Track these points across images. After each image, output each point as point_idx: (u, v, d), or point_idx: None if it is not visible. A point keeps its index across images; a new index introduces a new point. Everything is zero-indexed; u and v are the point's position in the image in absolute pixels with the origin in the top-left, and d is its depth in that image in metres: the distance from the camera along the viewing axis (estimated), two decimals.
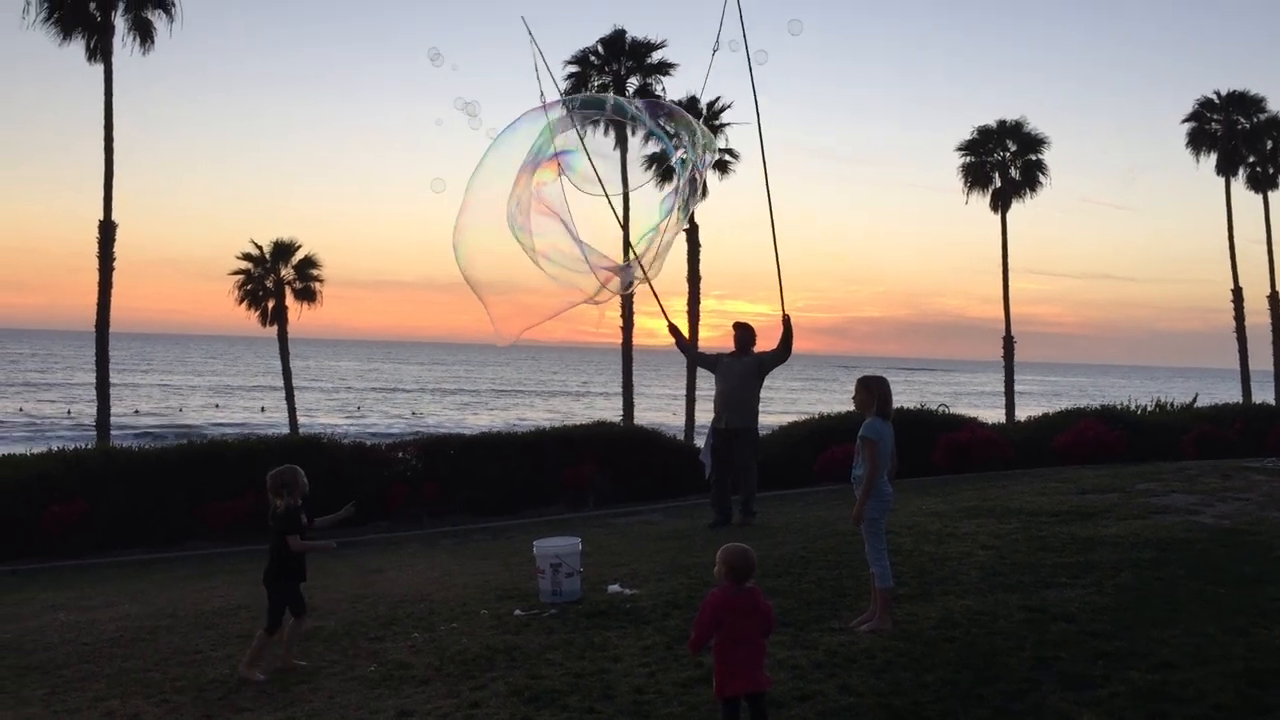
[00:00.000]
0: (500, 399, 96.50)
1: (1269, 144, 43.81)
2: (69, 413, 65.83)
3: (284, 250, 37.11)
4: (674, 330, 12.23)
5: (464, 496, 16.21)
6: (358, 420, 68.04)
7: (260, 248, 36.92)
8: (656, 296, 10.83)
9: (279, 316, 37.05)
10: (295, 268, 37.21)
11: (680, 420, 38.50)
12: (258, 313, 37.08)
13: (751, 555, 5.02)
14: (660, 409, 73.91)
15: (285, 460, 15.14)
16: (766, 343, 11.99)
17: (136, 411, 67.85)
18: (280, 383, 38.82)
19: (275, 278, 37.04)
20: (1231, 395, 40.88)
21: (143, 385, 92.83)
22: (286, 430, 36.49)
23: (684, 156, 10.30)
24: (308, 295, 37.37)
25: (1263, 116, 43.69)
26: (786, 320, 11.51)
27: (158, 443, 18.32)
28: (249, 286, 36.97)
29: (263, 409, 74.88)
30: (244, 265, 36.84)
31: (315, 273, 37.39)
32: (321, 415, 68.91)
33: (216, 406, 76.75)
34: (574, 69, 36.70)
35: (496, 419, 70.09)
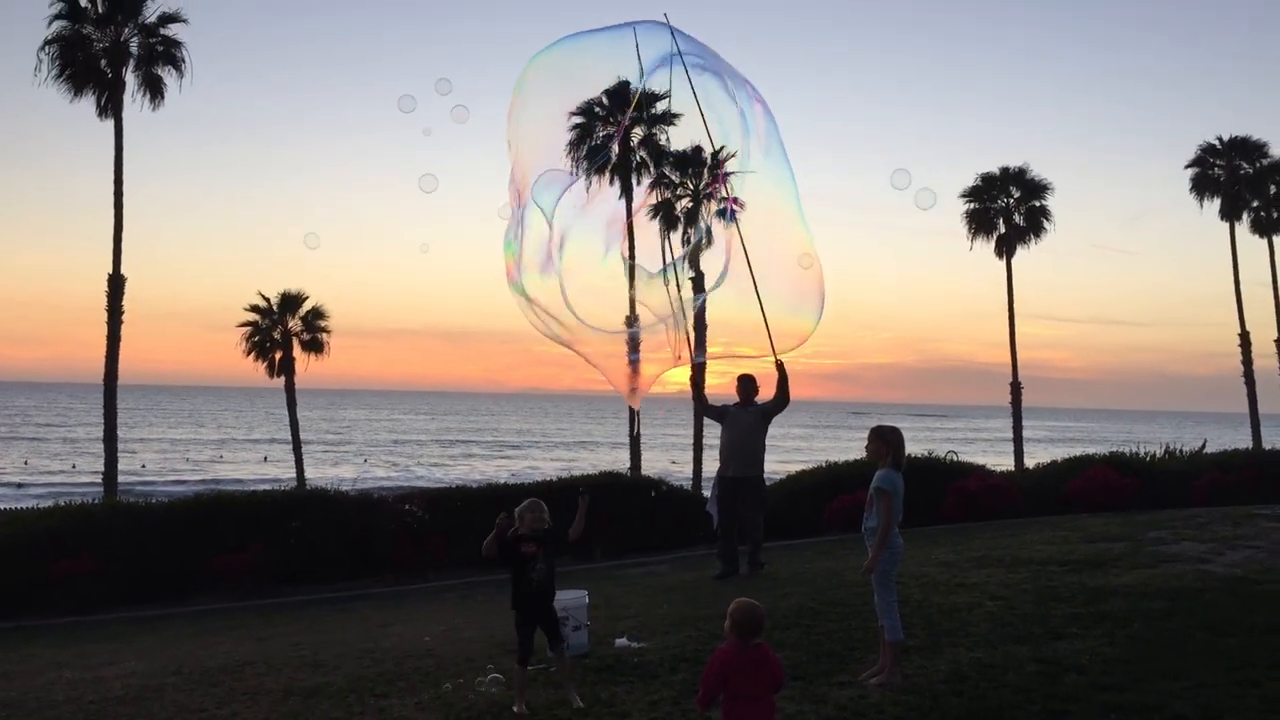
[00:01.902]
0: (507, 449, 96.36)
1: (1272, 188, 43.93)
2: (74, 466, 65.79)
3: (291, 302, 37.31)
4: (695, 379, 12.31)
5: (471, 549, 16.11)
6: (365, 471, 67.95)
7: (268, 299, 37.12)
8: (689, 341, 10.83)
9: (286, 368, 37.18)
10: (303, 319, 37.39)
11: (687, 470, 38.38)
12: (265, 364, 37.22)
13: (759, 611, 4.99)
14: (668, 456, 73.70)
15: (291, 514, 15.26)
16: (767, 390, 12.02)
17: (144, 465, 67.81)
18: (288, 434, 38.83)
19: (283, 329, 37.21)
20: (1241, 440, 40.73)
21: (150, 439, 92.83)
22: (294, 482, 36.45)
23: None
24: (315, 346, 37.52)
25: (1265, 161, 43.85)
26: (780, 367, 11.53)
27: (164, 496, 18.32)
28: (256, 338, 37.13)
29: (265, 458, 74.78)
30: (252, 317, 37.02)
31: (322, 323, 37.56)
32: (329, 466, 68.84)
33: (222, 459, 76.75)
34: (579, 120, 36.99)
35: (503, 469, 69.94)
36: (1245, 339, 43.82)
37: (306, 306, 37.37)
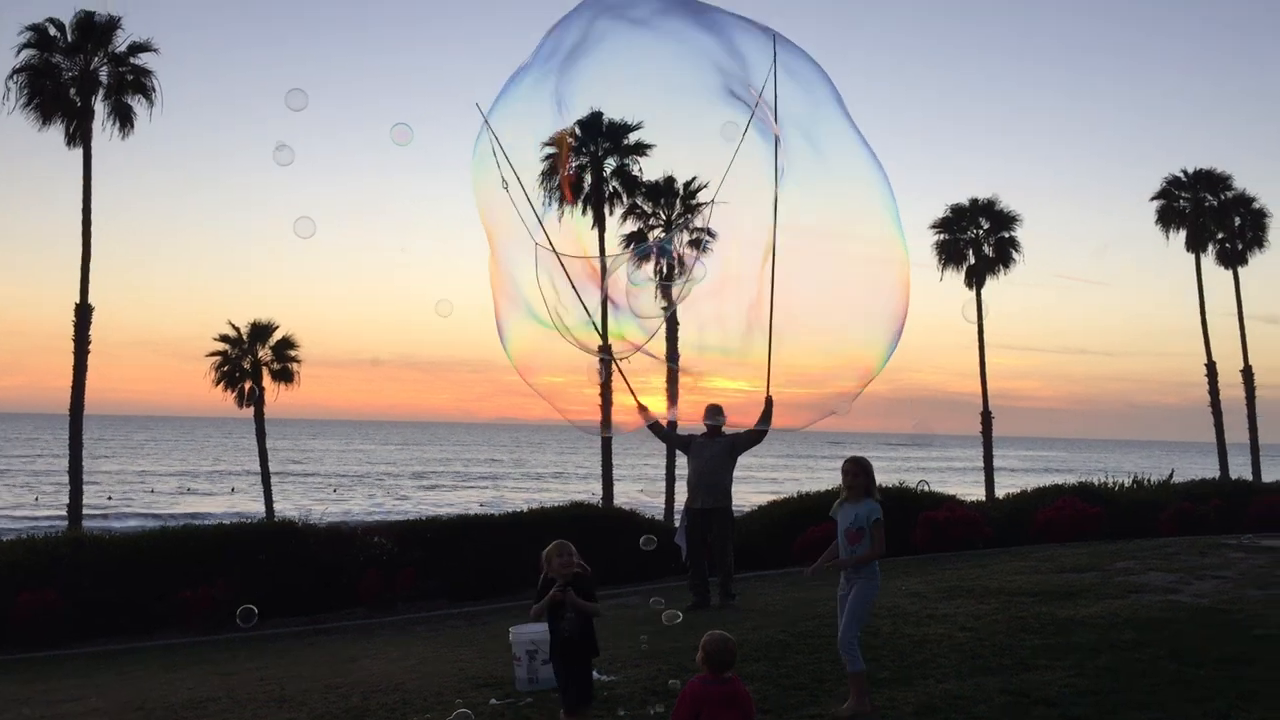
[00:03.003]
0: (478, 480, 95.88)
1: (1237, 221, 44.53)
2: (36, 499, 64.87)
3: (261, 331, 37.08)
4: (643, 411, 12.18)
5: (440, 581, 16.02)
6: (335, 502, 67.39)
7: (238, 329, 36.88)
8: (625, 377, 10.71)
9: (256, 398, 36.90)
10: (273, 349, 37.15)
11: (659, 501, 38.29)
12: (234, 394, 36.92)
13: (731, 644, 4.98)
14: (638, 486, 73.53)
15: (258, 547, 15.10)
16: (738, 417, 11.89)
17: (109, 498, 66.99)
18: (256, 465, 38.48)
19: (252, 359, 36.95)
20: (1209, 469, 41.11)
21: (116, 471, 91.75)
22: (262, 514, 36.11)
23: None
24: (285, 376, 37.27)
25: (1230, 194, 44.48)
26: (769, 402, 11.49)
27: (129, 529, 18.10)
28: (226, 368, 36.83)
29: (233, 490, 74.04)
30: (221, 347, 36.75)
31: (293, 353, 37.33)
32: (298, 498, 68.25)
33: (189, 491, 75.93)
34: (551, 150, 37.07)
35: (473, 500, 69.55)
36: (1212, 369, 44.28)
37: (277, 336, 37.15)
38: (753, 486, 64.13)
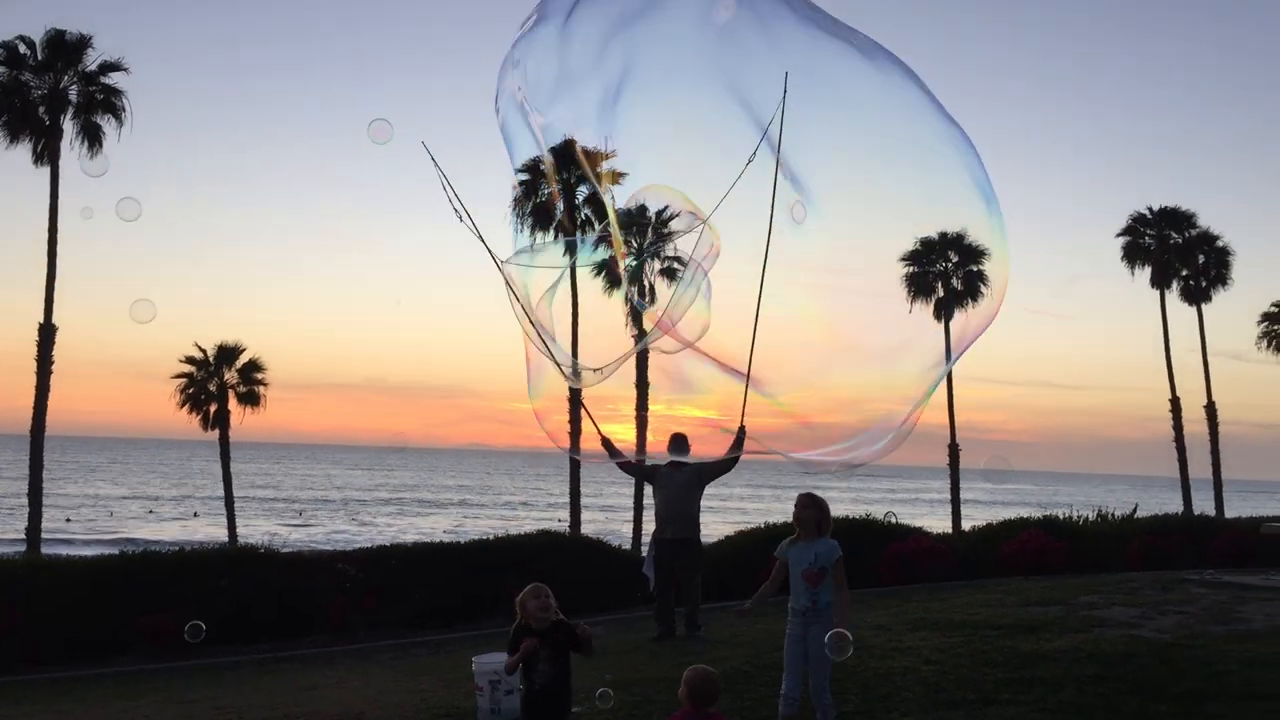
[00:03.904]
0: (445, 505, 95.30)
1: (1201, 258, 45.14)
2: None
3: (228, 353, 36.81)
4: (606, 442, 12.16)
5: (405, 608, 15.86)
6: (299, 528, 66.77)
7: (204, 351, 36.60)
8: (587, 410, 10.65)
9: (221, 420, 36.57)
10: (239, 371, 36.88)
11: (628, 529, 38.21)
12: (199, 417, 36.58)
13: (714, 679, 4.97)
14: (605, 515, 73.33)
15: (219, 572, 14.91)
16: (701, 447, 11.84)
17: (68, 519, 66.08)
18: (220, 489, 38.10)
19: (218, 381, 36.66)
20: (1173, 503, 41.43)
21: (77, 494, 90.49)
22: (225, 539, 35.73)
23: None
24: (251, 399, 36.99)
25: (1194, 231, 45.10)
26: (742, 431, 11.47)
27: (90, 553, 17.85)
28: (191, 390, 36.52)
29: (196, 514, 73.24)
30: (187, 368, 36.44)
31: (259, 376, 37.08)
32: (262, 522, 67.55)
33: (150, 513, 75.00)
34: (524, 177, 37.13)
35: (438, 527, 69.10)
36: (1175, 404, 44.74)
37: (244, 358, 36.90)
38: (721, 517, 63.99)
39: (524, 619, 6.21)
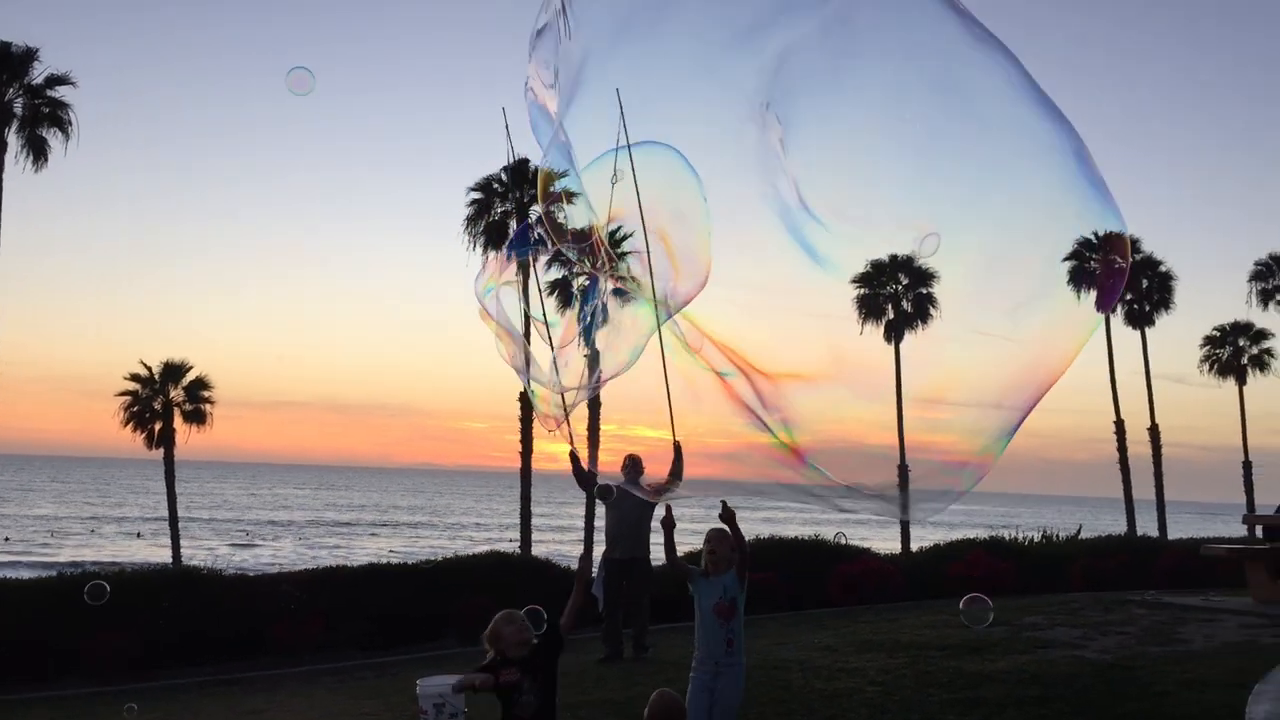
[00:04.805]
0: (393, 526, 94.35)
1: (1144, 283, 45.94)
2: None
3: (174, 371, 36.22)
4: (574, 458, 12.14)
5: (351, 630, 15.67)
6: (246, 548, 65.81)
7: (149, 368, 35.99)
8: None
9: (166, 439, 36.00)
10: (185, 389, 36.31)
11: (578, 550, 38.04)
12: (144, 435, 35.98)
13: (679, 705, 4.95)
14: (554, 536, 73.01)
15: (161, 594, 14.65)
16: (655, 467, 11.90)
17: (5, 539, 64.67)
18: (165, 508, 37.47)
19: (164, 399, 36.07)
20: (1117, 524, 41.99)
21: (15, 515, 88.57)
22: (168, 560, 35.13)
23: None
24: (197, 417, 36.41)
25: (1138, 257, 45.91)
26: (677, 448, 11.48)
27: (28, 573, 17.49)
28: (136, 408, 35.89)
29: (139, 534, 71.96)
30: (132, 386, 35.83)
31: (206, 394, 36.52)
32: (208, 543, 66.52)
33: (93, 533, 73.57)
34: (477, 195, 37.09)
35: (388, 547, 68.36)
36: (1120, 426, 45.38)
37: (190, 376, 36.34)
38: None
39: (499, 651, 5.58)
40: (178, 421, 36.06)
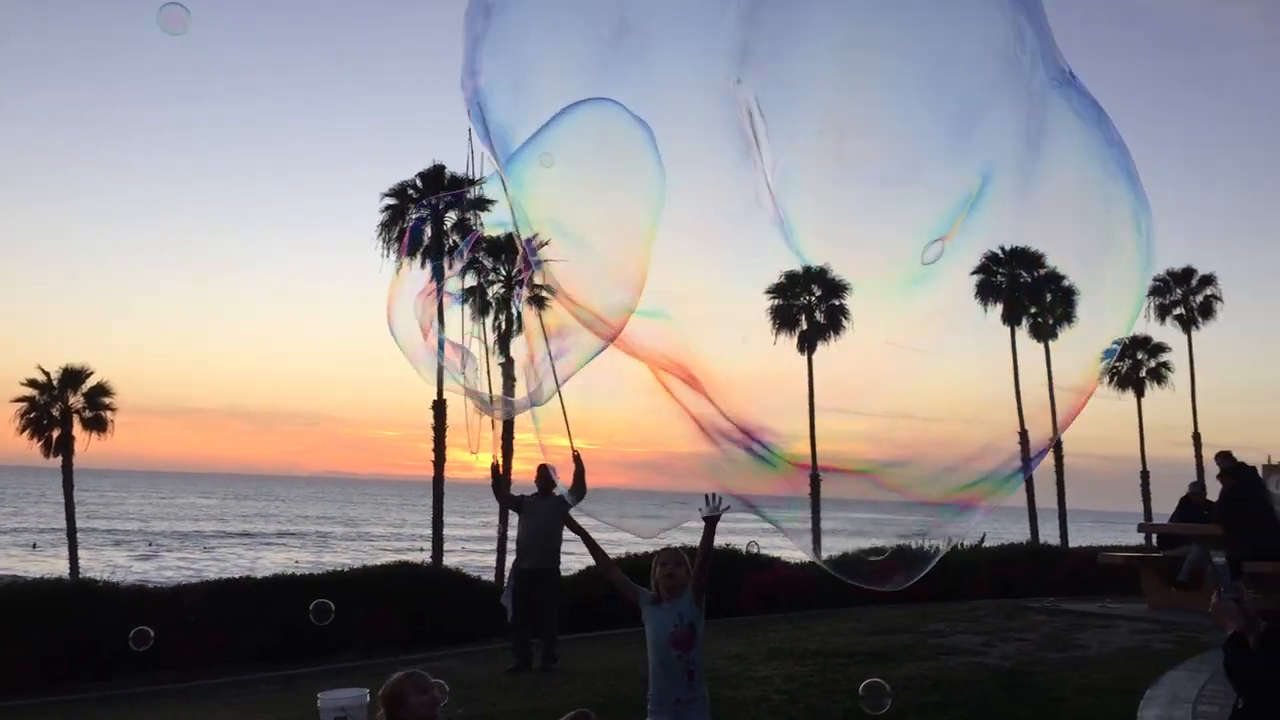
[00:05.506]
0: (301, 536, 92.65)
1: (1048, 297, 47.09)
2: None
3: (73, 377, 35.22)
4: (495, 469, 12.15)
5: (253, 643, 15.32)
6: (147, 559, 64.07)
7: (47, 374, 34.93)
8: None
9: (65, 447, 34.93)
10: (86, 395, 35.31)
11: (490, 560, 37.81)
12: (41, 442, 34.87)
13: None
14: (466, 546, 72.39)
15: (53, 607, 14.15)
16: (566, 478, 11.88)
17: (34, 545, 62.19)
18: (62, 519, 36.30)
19: (63, 406, 35.02)
20: (1020, 533, 42.91)
21: None
22: (65, 572, 34.02)
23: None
24: (98, 424, 35.44)
25: (1042, 271, 46.99)
26: (577, 458, 11.43)
27: None
28: (33, 414, 34.78)
29: (34, 546, 69.68)
30: (29, 392, 34.72)
31: (107, 400, 35.56)
32: (108, 554, 64.60)
33: None
34: (391, 201, 36.69)
35: (291, 559, 67.06)
36: (1024, 437, 46.10)
37: (91, 382, 35.35)
38: (581, 546, 63.76)
39: (409, 714, 4.47)
40: (77, 428, 35.10)
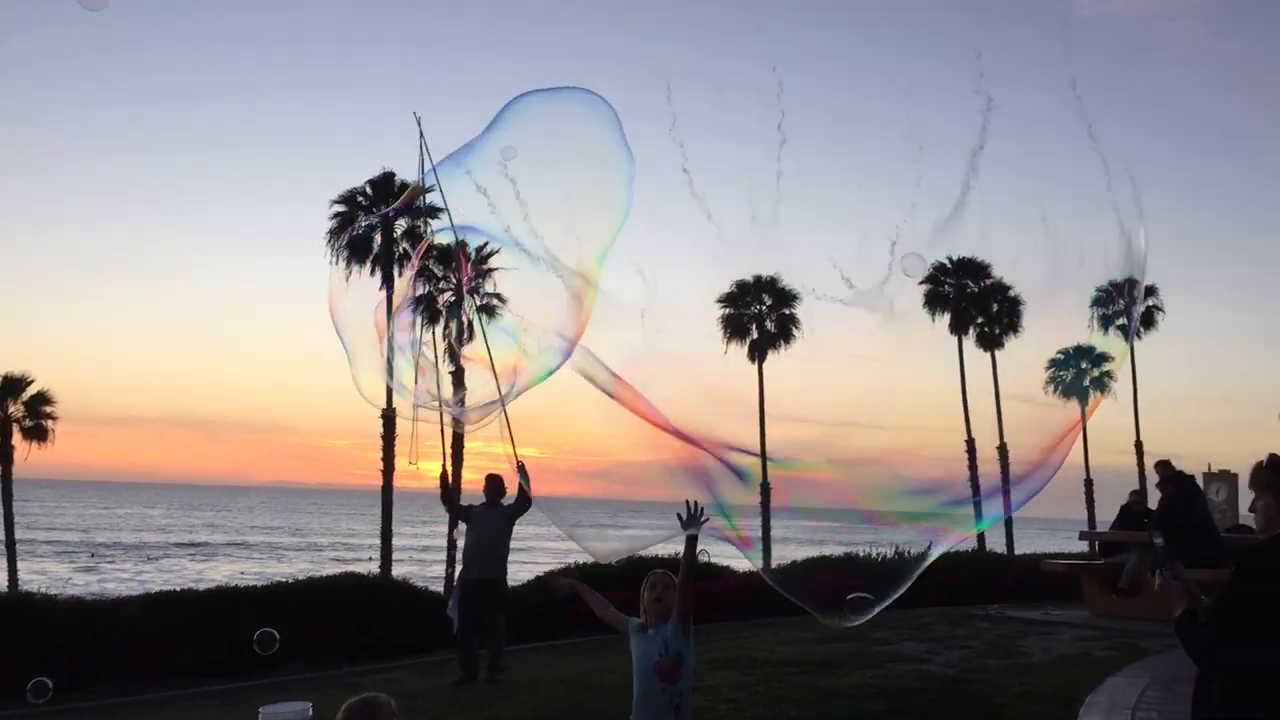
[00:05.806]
0: (249, 547, 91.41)
1: (995, 307, 47.73)
2: None
3: (13, 385, 34.60)
4: (445, 479, 12.10)
5: (196, 655, 15.11)
6: (89, 571, 62.89)
7: None
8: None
9: (4, 457, 34.27)
10: (26, 404, 34.68)
11: (437, 571, 37.57)
12: None
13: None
14: (414, 556, 71.86)
15: None
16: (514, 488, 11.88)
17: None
18: (1, 531, 35.55)
19: (2, 414, 34.37)
20: (967, 540, 43.40)
21: None
22: (4, 585, 33.32)
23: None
24: (38, 433, 34.83)
25: (989, 282, 47.64)
26: (521, 468, 11.39)
27: None
28: None
29: None
30: None
31: (48, 409, 34.95)
32: (49, 566, 63.33)
33: None
34: (340, 208, 36.42)
35: (236, 570, 66.15)
36: (971, 445, 46.95)
37: (31, 390, 34.72)
38: (529, 556, 63.62)
39: None
40: (17, 438, 34.49)
